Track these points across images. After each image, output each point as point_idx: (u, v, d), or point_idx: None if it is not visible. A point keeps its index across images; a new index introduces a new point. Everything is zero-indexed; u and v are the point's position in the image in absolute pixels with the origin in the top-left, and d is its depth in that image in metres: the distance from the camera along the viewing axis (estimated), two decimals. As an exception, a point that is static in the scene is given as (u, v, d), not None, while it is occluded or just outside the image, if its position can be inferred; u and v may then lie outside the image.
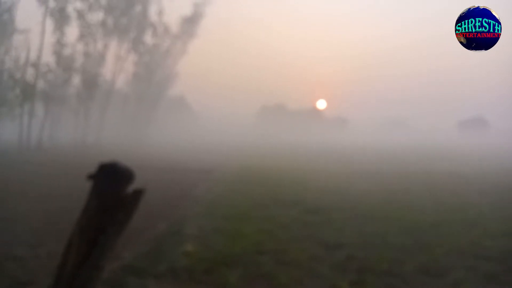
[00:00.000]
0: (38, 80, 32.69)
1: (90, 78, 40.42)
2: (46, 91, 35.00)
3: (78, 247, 1.86)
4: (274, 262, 5.21)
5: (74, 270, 1.82)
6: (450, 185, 13.88)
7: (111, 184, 1.97)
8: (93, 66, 41.05)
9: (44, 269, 4.77)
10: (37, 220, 7.50)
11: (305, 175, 16.77)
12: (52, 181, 13.42)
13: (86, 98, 41.12)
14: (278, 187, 12.52)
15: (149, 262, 5.13)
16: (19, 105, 30.98)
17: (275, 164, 22.80)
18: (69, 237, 1.96)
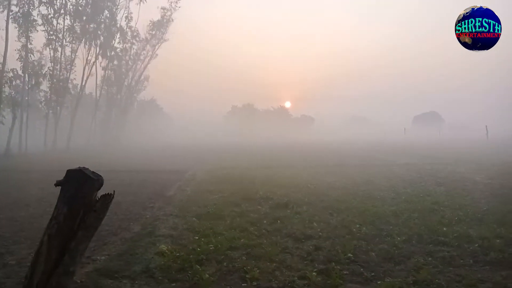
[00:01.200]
0: (3, 86, 31.05)
1: (58, 83, 38.89)
2: (13, 97, 33.34)
3: (47, 255, 1.79)
4: (246, 256, 5.24)
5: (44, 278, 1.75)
6: (406, 176, 14.39)
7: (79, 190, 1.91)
8: (62, 72, 39.55)
9: (14, 278, 4.56)
10: (5, 228, 7.15)
11: (274, 172, 16.88)
12: (20, 189, 12.82)
13: (55, 104, 39.56)
14: (249, 185, 12.53)
15: (124, 263, 5.02)
16: (-16, 112, 29.34)
17: (245, 163, 22.81)
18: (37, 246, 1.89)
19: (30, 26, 33.98)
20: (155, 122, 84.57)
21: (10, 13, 31.60)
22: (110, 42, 46.33)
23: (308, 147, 43.65)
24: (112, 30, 45.79)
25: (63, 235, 1.84)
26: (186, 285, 4.31)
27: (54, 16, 37.13)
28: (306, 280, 4.43)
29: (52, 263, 1.79)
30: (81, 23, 40.50)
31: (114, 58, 49.29)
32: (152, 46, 53.43)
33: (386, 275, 4.60)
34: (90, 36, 42.30)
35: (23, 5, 33.03)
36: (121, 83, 53.47)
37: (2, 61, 31.07)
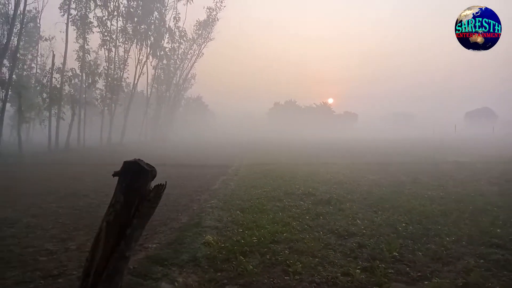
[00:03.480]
0: (63, 84, 33.29)
1: (113, 82, 41.03)
2: (72, 95, 35.68)
3: (105, 241, 1.91)
4: (289, 250, 5.23)
5: (102, 262, 1.87)
6: (456, 175, 13.60)
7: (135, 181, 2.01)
8: (116, 71, 41.65)
9: (74, 262, 4.89)
10: (66, 217, 7.67)
11: (316, 168, 16.68)
12: (79, 180, 13.70)
13: (110, 101, 41.78)
14: (290, 180, 12.49)
15: (172, 252, 5.21)
16: (47, 109, 31.64)
17: (287, 159, 22.75)
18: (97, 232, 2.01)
19: (87, 28, 36.12)
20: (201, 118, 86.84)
21: (69, 16, 33.79)
22: (160, 42, 48.08)
23: (350, 144, 42.65)
24: (161, 30, 47.47)
25: (119, 223, 1.94)
26: (231, 275, 4.39)
27: (108, 18, 39.21)
28: (349, 276, 4.34)
29: (110, 248, 1.90)
30: (132, 24, 42.38)
31: (164, 57, 51.15)
32: (198, 45, 54.78)
33: (433, 275, 4.39)
34: (141, 37, 44.15)
35: (80, 8, 35.17)
36: (170, 81, 55.42)
37: (63, 61, 33.38)
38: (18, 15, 26.28)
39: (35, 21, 38.39)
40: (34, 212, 8.07)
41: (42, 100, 32.11)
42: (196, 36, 53.76)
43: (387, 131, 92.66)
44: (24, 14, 28.67)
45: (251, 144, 44.98)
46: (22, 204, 8.95)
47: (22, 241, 5.88)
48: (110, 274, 1.86)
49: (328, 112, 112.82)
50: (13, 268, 4.68)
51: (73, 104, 35.02)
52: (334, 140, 55.32)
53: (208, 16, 52.46)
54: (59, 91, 32.17)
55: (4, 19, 31.19)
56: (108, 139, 41.33)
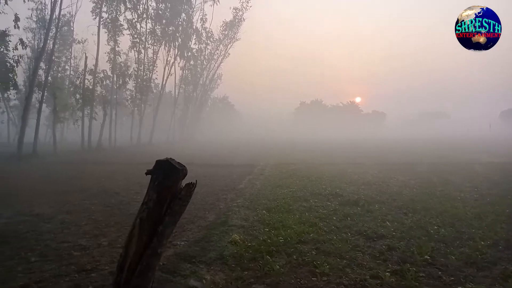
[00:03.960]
0: (95, 86, 34.47)
1: (142, 83, 42.08)
2: (104, 95, 36.90)
3: (138, 238, 1.96)
4: (316, 251, 5.19)
5: (136, 258, 1.92)
6: (491, 176, 13.01)
7: (167, 179, 2.06)
8: (145, 72, 42.70)
9: (106, 257, 5.05)
10: (98, 213, 7.94)
11: (342, 168, 16.43)
12: (110, 179, 14.13)
13: (139, 102, 42.89)
14: (317, 181, 12.37)
15: (200, 249, 5.29)
16: (80, 109, 32.87)
17: (313, 159, 22.54)
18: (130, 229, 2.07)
19: (118, 30, 37.20)
20: (227, 118, 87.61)
21: (101, 19, 34.95)
22: (187, 43, 48.89)
23: (378, 143, 41.72)
24: (188, 32, 48.26)
25: (152, 220, 1.99)
26: (257, 274, 4.41)
27: (137, 20, 40.22)
28: (378, 279, 4.25)
29: (143, 244, 1.96)
30: (161, 26, 43.29)
31: (191, 58, 51.98)
32: (224, 45, 55.30)
33: (467, 280, 4.23)
34: (169, 38, 45.03)
35: (111, 11, 36.27)
36: (196, 82, 56.29)
37: (95, 63, 34.56)
38: (53, 20, 27.44)
39: (69, 25, 39.98)
40: (69, 209, 8.41)
41: (76, 100, 33.40)
42: (223, 37, 54.31)
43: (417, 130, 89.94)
44: (59, 19, 29.94)
45: (276, 144, 44.91)
46: (57, 201, 9.35)
47: (57, 236, 6.14)
48: (143, 269, 1.91)
49: (355, 111, 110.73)
50: (50, 261, 4.90)
51: (104, 104, 36.24)
52: (361, 139, 54.33)
53: (234, 16, 52.86)
54: (91, 92, 33.35)
55: (41, 24, 32.74)
56: (138, 139, 42.45)
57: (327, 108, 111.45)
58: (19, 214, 7.80)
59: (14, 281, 4.21)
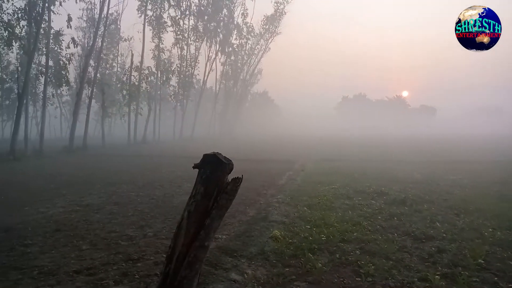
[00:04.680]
0: (141, 82, 35.91)
1: (185, 79, 43.22)
2: (148, 91, 38.35)
3: (186, 230, 2.02)
4: (360, 251, 5.06)
5: (184, 250, 1.98)
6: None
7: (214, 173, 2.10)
8: (187, 68, 43.80)
9: (151, 248, 5.26)
10: (144, 205, 8.28)
11: (388, 165, 15.89)
12: (155, 171, 14.68)
13: (182, 97, 44.13)
14: (360, 178, 12.07)
15: (241, 244, 5.35)
16: (126, 105, 34.43)
17: (356, 155, 22.00)
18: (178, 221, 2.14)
19: (162, 27, 38.39)
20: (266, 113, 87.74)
21: (146, 17, 36.26)
22: (228, 39, 49.44)
23: (427, 140, 39.86)
24: (229, 27, 48.76)
25: (199, 212, 2.04)
26: (299, 272, 4.38)
27: (180, 17, 41.26)
28: (427, 282, 4.07)
29: (190, 236, 2.02)
30: (203, 22, 44.10)
31: (232, 53, 52.51)
32: (265, 40, 55.22)
33: (528, 289, 3.93)
34: (211, 34, 45.79)
35: (156, 9, 37.49)
36: (237, 77, 56.84)
37: (140, 60, 35.97)
38: (102, 19, 28.88)
39: (116, 23, 41.85)
40: (116, 200, 8.86)
41: (122, 96, 35.05)
42: (263, 31, 54.25)
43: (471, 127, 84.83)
44: (107, 18, 31.40)
45: (317, 139, 44.34)
46: (105, 192, 9.88)
47: (106, 226, 6.49)
48: (191, 261, 1.97)
49: (402, 106, 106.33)
50: (99, 250, 5.19)
51: (149, 100, 37.71)
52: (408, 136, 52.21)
53: (276, 10, 52.56)
54: (137, 88, 34.82)
55: (90, 23, 34.58)
56: (180, 133, 43.76)
57: (371, 103, 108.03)
58: (72, 204, 8.33)
59: (68, 266, 4.50)
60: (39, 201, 8.55)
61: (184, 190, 10.18)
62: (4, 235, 5.82)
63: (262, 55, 56.96)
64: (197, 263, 2.03)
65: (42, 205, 8.13)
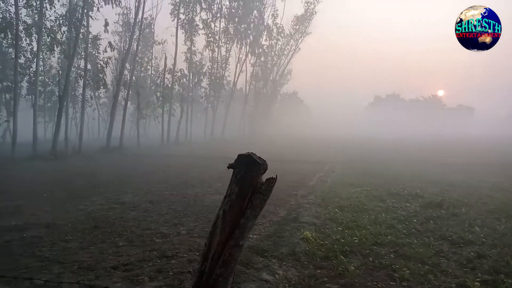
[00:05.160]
0: (174, 84, 36.77)
1: (215, 80, 43.83)
2: (181, 93, 39.21)
3: (222, 228, 2.05)
4: (394, 254, 4.93)
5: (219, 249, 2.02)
6: None
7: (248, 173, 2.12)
8: (218, 70, 44.39)
9: (184, 246, 5.36)
10: (177, 204, 8.47)
11: (422, 167, 15.36)
12: (186, 171, 14.98)
13: (213, 99, 44.79)
14: (393, 180, 11.74)
15: (272, 244, 5.35)
16: (160, 106, 35.37)
17: (388, 156, 21.43)
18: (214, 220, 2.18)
19: (194, 30, 39.11)
20: (296, 113, 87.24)
21: (178, 21, 37.09)
22: (258, 40, 49.63)
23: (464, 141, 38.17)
24: (260, 28, 48.92)
25: (234, 212, 2.07)
26: (331, 274, 4.33)
27: (212, 20, 41.86)
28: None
29: (226, 235, 2.05)
30: (234, 24, 44.52)
31: (261, 55, 52.67)
32: (295, 40, 54.95)
33: None
34: (241, 36, 46.13)
35: (188, 13, 38.25)
36: (266, 78, 56.93)
37: (173, 62, 36.82)
38: (137, 23, 29.83)
39: (150, 27, 43.09)
40: (151, 198, 9.12)
41: (156, 98, 36.04)
42: (293, 32, 53.99)
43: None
44: (142, 22, 32.38)
45: (348, 140, 43.59)
46: (140, 190, 10.20)
47: (141, 223, 6.69)
48: (226, 260, 2.00)
49: (438, 105, 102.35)
50: (135, 246, 5.35)
51: (181, 101, 38.53)
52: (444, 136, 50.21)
53: (306, 10, 52.18)
54: (170, 90, 35.69)
55: (126, 27, 35.83)
56: (211, 134, 44.41)
57: (405, 103, 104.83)
58: (109, 201, 8.66)
59: (105, 262, 4.68)
60: (79, 198, 8.95)
61: (215, 190, 10.32)
62: (47, 230, 6.13)
63: (292, 56, 56.77)
64: (232, 262, 2.05)
65: (81, 202, 8.50)
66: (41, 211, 7.58)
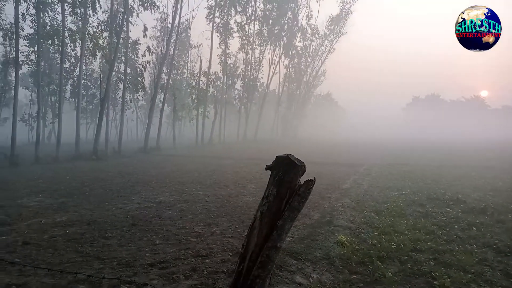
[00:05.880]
0: (208, 86, 37.42)
1: (249, 82, 44.14)
2: (215, 95, 39.83)
3: (259, 230, 2.05)
4: (434, 262, 4.73)
5: (256, 250, 2.02)
6: None
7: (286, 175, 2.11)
8: (251, 72, 44.68)
9: (218, 246, 5.42)
10: (211, 204, 8.59)
11: (464, 171, 14.63)
12: (219, 172, 15.15)
13: (246, 100, 45.14)
14: (433, 184, 11.27)
15: (305, 247, 5.30)
16: (195, 108, 36.12)
17: (427, 159, 20.59)
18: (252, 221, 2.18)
19: (228, 34, 39.61)
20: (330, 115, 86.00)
21: (214, 24, 37.70)
22: (292, 42, 49.43)
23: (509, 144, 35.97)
24: (293, 30, 48.73)
25: (272, 213, 2.07)
26: (367, 279, 4.21)
27: (246, 22, 42.18)
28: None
29: (263, 237, 2.05)
30: (267, 26, 44.62)
31: (295, 56, 52.42)
32: (330, 41, 54.21)
33: None
34: (275, 38, 46.16)
35: (223, 16, 38.80)
36: (300, 79, 56.57)
37: (208, 65, 37.47)
38: (174, 27, 30.63)
39: (186, 31, 44.15)
40: (186, 198, 9.31)
41: (191, 100, 36.80)
42: (328, 32, 53.30)
43: None
44: (179, 27, 33.22)
45: (385, 142, 42.35)
46: (176, 190, 10.44)
47: (176, 222, 6.84)
48: (263, 261, 2.00)
49: (481, 106, 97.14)
50: (171, 245, 5.48)
51: (215, 103, 39.13)
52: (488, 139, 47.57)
53: (341, 10, 51.38)
54: (204, 93, 36.36)
55: (163, 32, 36.91)
56: (244, 136, 44.73)
57: (445, 103, 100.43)
58: (146, 200, 8.94)
59: (143, 259, 4.83)
60: (118, 197, 9.30)
61: (248, 191, 10.37)
62: (88, 227, 6.41)
63: (326, 56, 56.05)
64: (270, 263, 2.05)
65: (120, 201, 8.83)
66: (82, 208, 7.95)
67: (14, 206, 8.11)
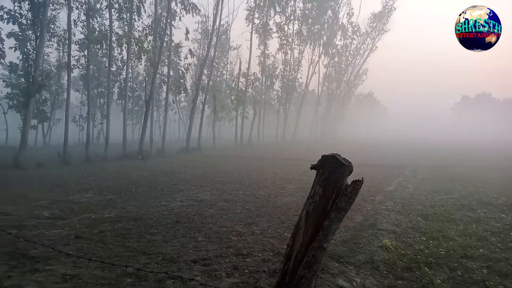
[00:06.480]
0: (247, 87, 37.75)
1: (288, 82, 43.98)
2: (254, 96, 40.10)
3: (304, 230, 2.04)
4: (487, 270, 4.45)
5: (302, 250, 2.00)
6: None
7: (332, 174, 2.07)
8: (290, 72, 44.48)
9: (259, 245, 5.43)
10: (251, 204, 8.64)
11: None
12: (258, 172, 15.21)
13: (285, 101, 45.02)
14: (484, 187, 10.61)
15: (348, 250, 5.18)
16: (234, 109, 36.59)
17: (477, 161, 19.40)
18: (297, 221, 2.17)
19: (267, 34, 39.72)
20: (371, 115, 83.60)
21: (253, 25, 37.97)
22: (332, 40, 48.62)
23: None
24: (334, 28, 47.91)
25: (318, 213, 2.04)
26: (413, 286, 4.04)
27: (285, 22, 42.05)
28: None
29: (309, 237, 2.03)
30: (307, 26, 44.18)
31: (335, 55, 51.50)
32: (372, 38, 52.78)
33: None
34: (315, 37, 45.61)
35: (262, 17, 38.96)
36: (340, 79, 55.51)
37: (247, 66, 37.81)
38: (214, 30, 31.24)
39: (226, 33, 44.83)
40: (226, 197, 9.44)
41: (231, 101, 37.34)
42: (370, 30, 51.88)
43: None
44: (219, 29, 33.83)
45: (431, 143, 40.46)
46: (217, 189, 10.63)
47: (218, 221, 6.95)
48: (309, 261, 1.98)
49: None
50: (212, 243, 5.58)
51: (254, 104, 39.39)
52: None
53: (384, 6, 49.79)
54: (243, 94, 36.73)
55: (204, 35, 37.73)
56: (282, 136, 44.64)
57: (498, 102, 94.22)
58: (188, 198, 9.17)
59: (186, 255, 4.95)
60: (162, 195, 9.62)
61: (287, 192, 10.33)
62: (134, 223, 6.68)
63: (368, 55, 54.64)
64: (316, 264, 2.02)
65: (164, 199, 9.13)
66: (129, 205, 8.30)
67: (67, 201, 8.64)
